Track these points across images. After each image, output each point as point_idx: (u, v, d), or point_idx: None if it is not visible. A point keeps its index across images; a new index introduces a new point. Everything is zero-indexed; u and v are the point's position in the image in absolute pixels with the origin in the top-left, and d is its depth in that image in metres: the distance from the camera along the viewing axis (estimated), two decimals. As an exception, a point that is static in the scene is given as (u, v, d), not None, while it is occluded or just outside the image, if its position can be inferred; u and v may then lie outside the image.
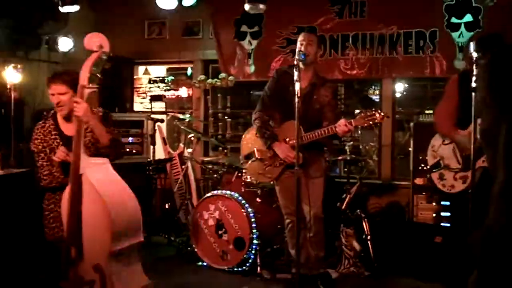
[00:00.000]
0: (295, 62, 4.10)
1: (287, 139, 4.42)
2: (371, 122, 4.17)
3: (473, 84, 3.13)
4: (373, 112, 4.16)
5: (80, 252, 3.28)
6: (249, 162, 4.68)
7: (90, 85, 3.35)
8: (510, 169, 1.32)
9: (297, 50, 4.42)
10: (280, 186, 4.61)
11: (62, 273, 3.33)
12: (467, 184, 3.88)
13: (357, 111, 5.88)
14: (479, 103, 1.35)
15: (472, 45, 3.22)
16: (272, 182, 4.76)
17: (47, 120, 3.81)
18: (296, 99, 4.03)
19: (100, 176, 3.31)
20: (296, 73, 4.04)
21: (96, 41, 3.36)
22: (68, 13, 6.41)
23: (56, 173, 3.64)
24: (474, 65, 3.15)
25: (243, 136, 4.85)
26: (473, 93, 3.14)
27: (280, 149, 4.47)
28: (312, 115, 4.39)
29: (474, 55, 3.17)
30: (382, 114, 4.17)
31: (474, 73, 3.11)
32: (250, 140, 4.72)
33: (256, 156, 4.62)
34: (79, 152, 3.27)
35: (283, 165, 4.50)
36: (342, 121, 4.20)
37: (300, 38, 4.48)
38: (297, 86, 4.03)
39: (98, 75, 3.36)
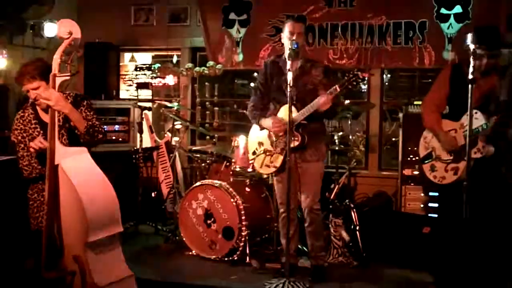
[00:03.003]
0: (288, 51, 4.11)
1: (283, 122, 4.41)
2: (353, 81, 4.10)
3: (470, 76, 3.13)
4: (355, 71, 4.11)
5: (61, 242, 3.27)
6: (255, 155, 4.70)
7: (62, 73, 3.29)
8: None
9: (287, 38, 4.37)
10: (280, 177, 4.58)
11: (43, 263, 3.29)
12: (458, 176, 3.91)
13: (347, 101, 5.88)
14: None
15: (469, 37, 3.21)
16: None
17: (26, 109, 3.73)
18: (289, 89, 4.04)
19: (75, 167, 3.25)
20: (288, 63, 4.07)
21: (65, 28, 3.29)
22: (53, -1, 6.32)
23: (34, 163, 3.60)
24: (472, 57, 3.15)
25: (249, 134, 4.86)
26: (469, 85, 3.15)
27: (266, 123, 4.49)
28: (306, 97, 4.35)
29: (471, 47, 3.17)
30: (365, 71, 4.14)
31: (471, 65, 3.11)
32: (255, 135, 4.73)
33: (260, 148, 4.65)
34: (53, 143, 3.24)
35: (284, 149, 4.44)
36: (325, 92, 4.20)
37: (290, 27, 4.42)
38: (289, 75, 4.05)
39: (69, 63, 3.31)
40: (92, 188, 3.24)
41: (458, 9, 6.08)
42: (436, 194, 4.92)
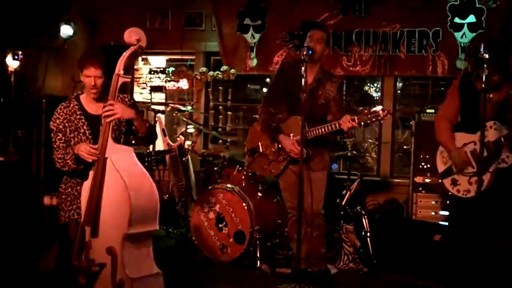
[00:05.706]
0: (302, 57, 4.10)
1: (292, 135, 4.41)
2: (374, 120, 4.14)
3: (483, 85, 3.14)
4: (377, 109, 4.13)
5: (95, 233, 3.37)
6: (254, 156, 4.68)
7: (125, 75, 3.50)
8: None
9: (305, 44, 4.38)
10: (284, 181, 4.60)
11: (75, 252, 3.42)
12: (484, 187, 3.69)
13: (361, 108, 5.91)
14: None
15: (483, 47, 3.21)
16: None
17: (71, 100, 3.79)
18: (303, 95, 4.05)
19: (124, 162, 3.40)
20: (303, 69, 4.06)
21: (135, 35, 3.52)
22: (70, 0, 6.38)
23: (69, 160, 3.60)
24: (485, 65, 3.15)
25: (250, 129, 4.86)
26: (482, 96, 3.15)
27: (286, 142, 4.43)
28: (317, 111, 4.38)
29: (486, 56, 3.17)
30: (386, 111, 4.14)
31: (485, 74, 3.12)
32: (256, 134, 4.71)
33: (261, 150, 4.63)
34: (107, 137, 3.39)
35: (287, 160, 4.48)
36: (347, 117, 4.16)
37: (309, 33, 4.46)
38: (303, 81, 4.05)
39: (130, 66, 3.51)
40: (138, 183, 3.37)
41: (471, 18, 6.10)
42: (447, 202, 4.92)
